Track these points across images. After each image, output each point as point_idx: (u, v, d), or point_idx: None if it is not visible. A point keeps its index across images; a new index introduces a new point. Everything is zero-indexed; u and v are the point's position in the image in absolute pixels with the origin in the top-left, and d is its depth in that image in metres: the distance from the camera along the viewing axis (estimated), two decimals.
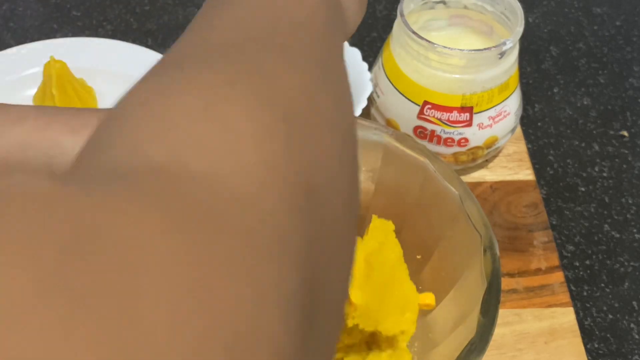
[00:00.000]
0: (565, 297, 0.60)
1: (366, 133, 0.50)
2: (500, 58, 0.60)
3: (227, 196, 0.18)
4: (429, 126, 0.62)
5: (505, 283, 0.60)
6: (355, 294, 0.41)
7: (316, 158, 0.22)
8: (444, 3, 0.65)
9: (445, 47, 0.59)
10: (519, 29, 0.60)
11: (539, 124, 0.73)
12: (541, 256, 0.62)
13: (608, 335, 0.59)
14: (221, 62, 0.23)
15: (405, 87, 0.62)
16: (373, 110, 0.67)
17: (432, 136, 0.63)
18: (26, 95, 0.68)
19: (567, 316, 0.58)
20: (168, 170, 0.18)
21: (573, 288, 0.61)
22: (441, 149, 0.64)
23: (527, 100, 0.75)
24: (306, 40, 0.26)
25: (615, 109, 0.75)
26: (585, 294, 0.61)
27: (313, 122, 0.23)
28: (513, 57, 0.62)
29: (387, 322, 0.42)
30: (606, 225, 0.65)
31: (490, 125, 0.63)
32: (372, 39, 0.80)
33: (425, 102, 0.61)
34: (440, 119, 0.62)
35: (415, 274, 0.50)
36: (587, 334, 0.58)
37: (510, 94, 0.63)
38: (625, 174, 0.69)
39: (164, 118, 0.20)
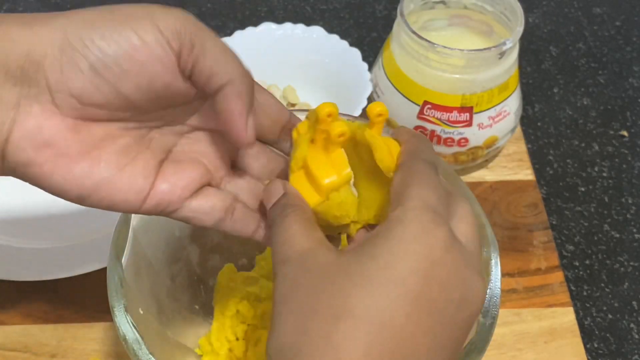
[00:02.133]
0: (565, 297, 0.60)
1: None
2: (500, 58, 0.60)
3: None
4: (429, 126, 0.62)
5: (505, 283, 0.60)
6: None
7: None
8: (444, 3, 0.65)
9: (445, 47, 0.59)
10: (519, 29, 0.60)
11: (539, 124, 0.73)
12: (541, 256, 0.62)
13: (608, 335, 0.59)
14: None
15: (405, 87, 0.62)
16: None
17: (432, 136, 0.63)
18: None
19: (567, 316, 0.58)
20: None
21: (573, 288, 0.61)
22: (441, 149, 0.64)
23: (527, 100, 0.75)
24: None
25: (615, 109, 0.75)
26: (585, 293, 0.61)
27: None
28: (513, 57, 0.62)
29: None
30: (606, 225, 0.65)
31: (490, 125, 0.63)
32: (372, 39, 0.80)
33: (425, 102, 0.61)
34: (440, 119, 0.62)
35: None
36: (586, 334, 0.58)
37: (510, 94, 0.63)
38: (625, 174, 0.69)
39: None
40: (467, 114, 0.62)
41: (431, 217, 0.31)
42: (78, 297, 0.58)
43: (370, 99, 0.66)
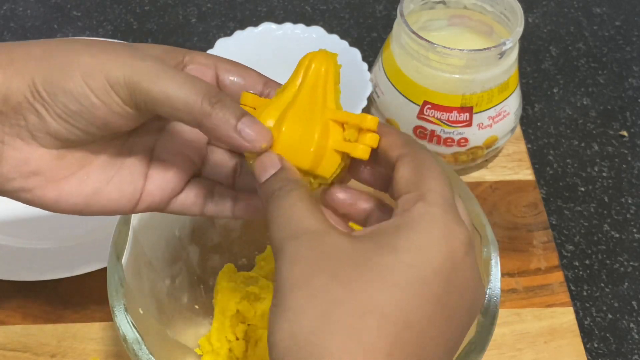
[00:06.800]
0: (565, 296, 0.60)
1: None
2: (500, 58, 0.60)
3: None
4: (429, 126, 0.62)
5: (505, 283, 0.60)
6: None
7: None
8: (444, 3, 0.65)
9: (445, 47, 0.59)
10: (519, 29, 0.60)
11: (539, 124, 0.73)
12: (541, 256, 0.62)
13: (608, 335, 0.59)
14: None
15: (405, 87, 0.62)
16: (373, 110, 0.67)
17: (432, 136, 0.63)
18: None
19: (566, 316, 0.58)
20: None
21: (573, 288, 0.61)
22: (441, 149, 0.64)
23: (527, 100, 0.75)
24: None
25: (615, 109, 0.75)
26: (585, 293, 0.61)
27: None
28: (513, 57, 0.62)
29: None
30: (606, 225, 0.65)
31: (490, 125, 0.63)
32: (372, 39, 0.80)
33: (425, 102, 0.61)
34: (440, 119, 0.62)
35: None
36: (586, 334, 0.58)
37: (510, 94, 0.63)
38: (624, 173, 0.69)
39: None
40: (467, 114, 0.62)
41: (452, 217, 0.31)
42: (78, 297, 0.58)
43: (370, 99, 0.66)
